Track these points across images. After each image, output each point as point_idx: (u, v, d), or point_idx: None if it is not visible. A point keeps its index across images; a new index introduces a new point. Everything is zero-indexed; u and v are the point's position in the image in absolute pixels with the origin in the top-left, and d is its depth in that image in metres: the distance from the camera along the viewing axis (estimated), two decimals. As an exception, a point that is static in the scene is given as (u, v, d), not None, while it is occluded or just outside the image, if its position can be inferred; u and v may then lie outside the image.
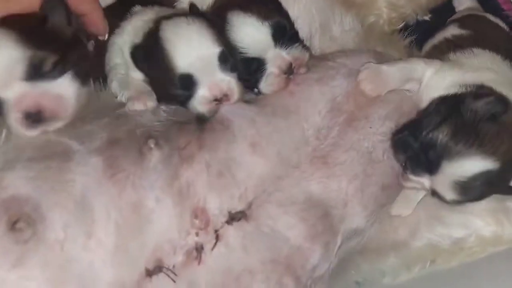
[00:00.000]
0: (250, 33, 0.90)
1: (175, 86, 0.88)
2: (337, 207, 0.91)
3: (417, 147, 0.87)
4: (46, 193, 0.80)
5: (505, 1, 1.23)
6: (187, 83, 0.87)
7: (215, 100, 0.89)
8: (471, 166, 0.83)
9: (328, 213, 0.90)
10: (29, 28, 0.83)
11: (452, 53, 0.97)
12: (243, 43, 0.90)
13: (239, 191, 0.87)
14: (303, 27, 0.99)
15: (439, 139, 0.85)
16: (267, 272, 0.86)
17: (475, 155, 0.83)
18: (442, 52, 0.99)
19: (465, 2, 1.19)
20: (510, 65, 0.95)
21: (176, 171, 0.85)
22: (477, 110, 0.84)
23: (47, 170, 0.82)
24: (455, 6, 1.20)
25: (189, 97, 0.89)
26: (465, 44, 0.98)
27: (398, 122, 0.94)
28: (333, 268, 0.92)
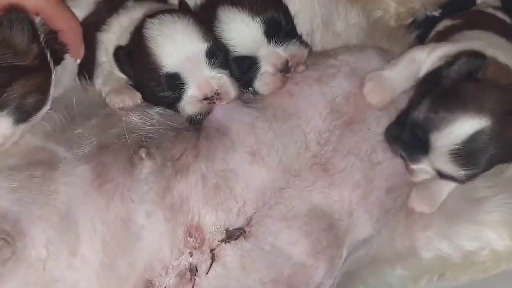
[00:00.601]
0: (239, 30, 0.83)
1: (161, 87, 0.81)
2: (342, 218, 0.84)
3: (406, 132, 0.81)
4: (28, 206, 0.74)
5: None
6: (174, 83, 0.80)
7: (205, 99, 0.81)
8: (460, 129, 0.76)
9: (332, 225, 0.83)
10: None
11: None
12: (233, 41, 0.83)
13: (237, 205, 0.80)
14: (304, 22, 0.92)
15: (420, 115, 0.79)
16: (268, 292, 0.80)
17: (459, 117, 0.76)
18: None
19: None
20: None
21: (168, 183, 0.78)
22: (452, 74, 0.79)
23: (30, 180, 0.76)
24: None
25: (178, 98, 0.82)
26: (456, 31, 0.93)
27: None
28: (338, 281, 0.85)
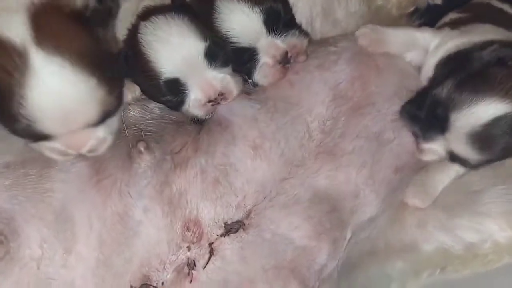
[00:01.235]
0: (238, 20, 0.79)
1: (162, 93, 0.78)
2: (348, 199, 0.82)
3: (424, 110, 0.78)
4: (22, 204, 0.72)
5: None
6: (174, 88, 0.77)
7: (210, 102, 0.79)
8: (483, 111, 0.73)
9: (336, 207, 0.81)
10: None
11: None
12: (231, 32, 0.79)
13: (237, 199, 0.78)
14: (303, 10, 0.88)
15: (443, 93, 0.76)
16: (270, 279, 0.77)
17: (485, 99, 0.73)
18: None
19: None
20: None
21: (167, 178, 0.76)
22: (483, 58, 0.76)
23: (25, 178, 0.74)
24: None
25: (181, 102, 0.79)
26: (464, 24, 0.90)
27: (405, 97, 0.85)
28: (339, 271, 0.83)
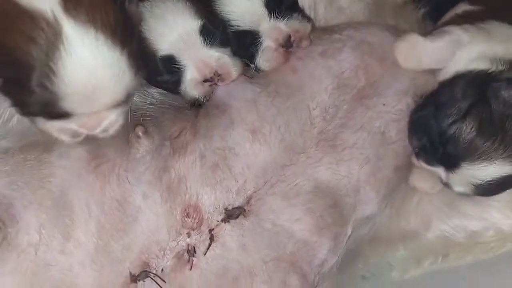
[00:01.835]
0: (239, 3, 0.77)
1: (158, 71, 0.77)
2: (349, 194, 0.79)
3: (435, 135, 0.76)
4: (21, 190, 0.71)
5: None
6: (170, 66, 0.76)
7: (206, 81, 0.77)
8: (492, 171, 0.74)
9: (337, 202, 0.79)
10: None
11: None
12: (233, 15, 0.78)
13: (237, 184, 0.76)
14: (306, -5, 0.86)
15: (462, 135, 0.73)
16: (269, 271, 0.76)
17: (498, 160, 0.74)
18: None
19: None
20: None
21: (166, 163, 0.75)
22: (507, 101, 0.74)
23: (23, 164, 0.73)
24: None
25: (178, 82, 0.77)
26: (479, 18, 0.86)
27: (414, 97, 0.82)
28: (340, 260, 0.82)
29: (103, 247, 0.71)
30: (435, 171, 0.78)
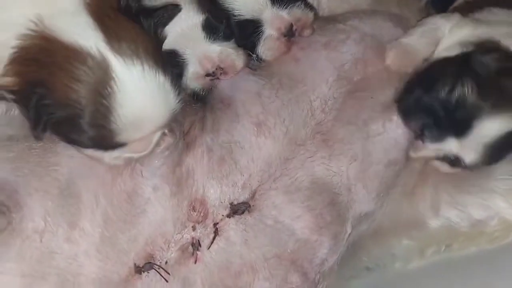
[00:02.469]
0: None
1: None
2: (342, 193, 0.80)
3: (437, 108, 0.76)
4: (26, 177, 0.69)
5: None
6: (173, 60, 0.76)
7: (208, 76, 0.77)
8: (500, 126, 0.73)
9: (334, 200, 0.79)
10: None
11: (471, 14, 0.86)
12: (235, 4, 0.78)
13: (243, 178, 0.76)
14: (310, -17, 0.86)
15: (467, 96, 0.74)
16: (271, 268, 0.75)
17: (502, 114, 0.74)
18: (462, 14, 0.87)
19: None
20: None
21: (180, 157, 0.74)
22: (489, 65, 0.75)
23: (29, 151, 0.71)
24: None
25: (180, 75, 0.77)
26: (485, 5, 0.88)
27: (397, 87, 0.82)
28: (342, 254, 0.81)
29: (108, 238, 0.70)
30: (443, 147, 0.77)
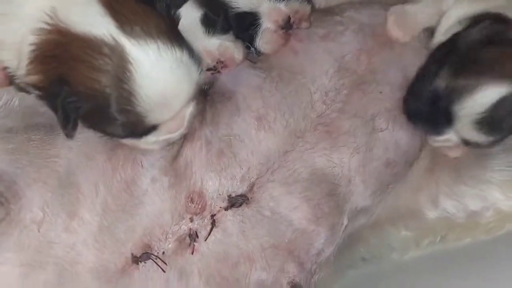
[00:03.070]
0: None
1: None
2: (341, 184, 0.79)
3: (426, 105, 0.76)
4: (25, 168, 0.69)
5: None
6: None
7: (209, 70, 0.77)
8: (482, 97, 0.72)
9: (332, 191, 0.79)
10: None
11: None
12: None
13: (241, 171, 0.76)
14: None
15: (441, 85, 0.74)
16: (268, 258, 0.76)
17: (482, 84, 0.72)
18: None
19: None
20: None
21: (178, 150, 0.74)
22: (472, 39, 0.74)
23: (28, 143, 0.71)
24: None
25: None
26: None
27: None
28: (339, 244, 0.82)
29: (107, 227, 0.70)
30: (447, 138, 0.78)
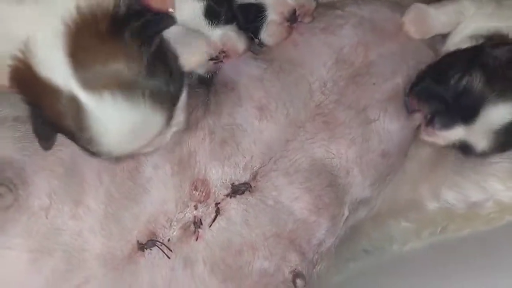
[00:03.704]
0: None
1: None
2: (340, 176, 0.80)
3: (447, 95, 0.77)
4: (32, 156, 0.70)
5: None
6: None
7: (211, 60, 0.77)
8: (507, 112, 0.75)
9: (332, 182, 0.80)
10: None
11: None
12: None
13: (244, 160, 0.76)
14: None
15: (474, 85, 0.75)
16: (270, 247, 0.76)
17: (510, 101, 0.75)
18: None
19: None
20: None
21: (179, 138, 0.75)
22: (500, 57, 0.76)
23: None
24: None
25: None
26: None
27: (405, 77, 0.83)
28: (341, 237, 0.83)
29: (112, 215, 0.71)
30: (453, 134, 0.78)
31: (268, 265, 0.76)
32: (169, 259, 0.72)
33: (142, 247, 0.72)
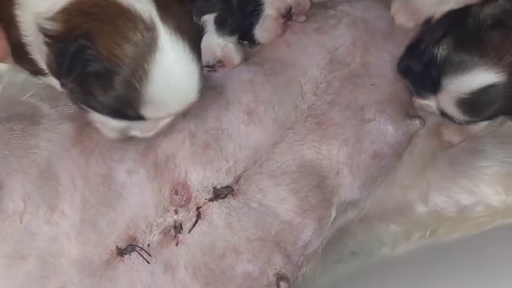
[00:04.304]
0: None
1: None
2: (329, 177, 0.79)
3: (419, 67, 0.77)
4: (6, 158, 0.69)
5: None
6: None
7: (207, 67, 0.76)
8: (472, 80, 0.72)
9: (320, 184, 0.78)
10: None
11: None
12: None
13: (228, 164, 0.74)
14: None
15: (439, 54, 0.74)
16: (254, 250, 0.75)
17: (476, 67, 0.72)
18: None
19: None
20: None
21: (150, 142, 0.73)
22: (482, 17, 0.73)
23: (9, 133, 0.71)
24: None
25: None
26: None
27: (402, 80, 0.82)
28: (328, 238, 0.81)
29: (88, 220, 0.69)
30: (428, 103, 0.78)
31: (252, 269, 0.75)
32: (149, 263, 0.70)
33: (121, 252, 0.70)
